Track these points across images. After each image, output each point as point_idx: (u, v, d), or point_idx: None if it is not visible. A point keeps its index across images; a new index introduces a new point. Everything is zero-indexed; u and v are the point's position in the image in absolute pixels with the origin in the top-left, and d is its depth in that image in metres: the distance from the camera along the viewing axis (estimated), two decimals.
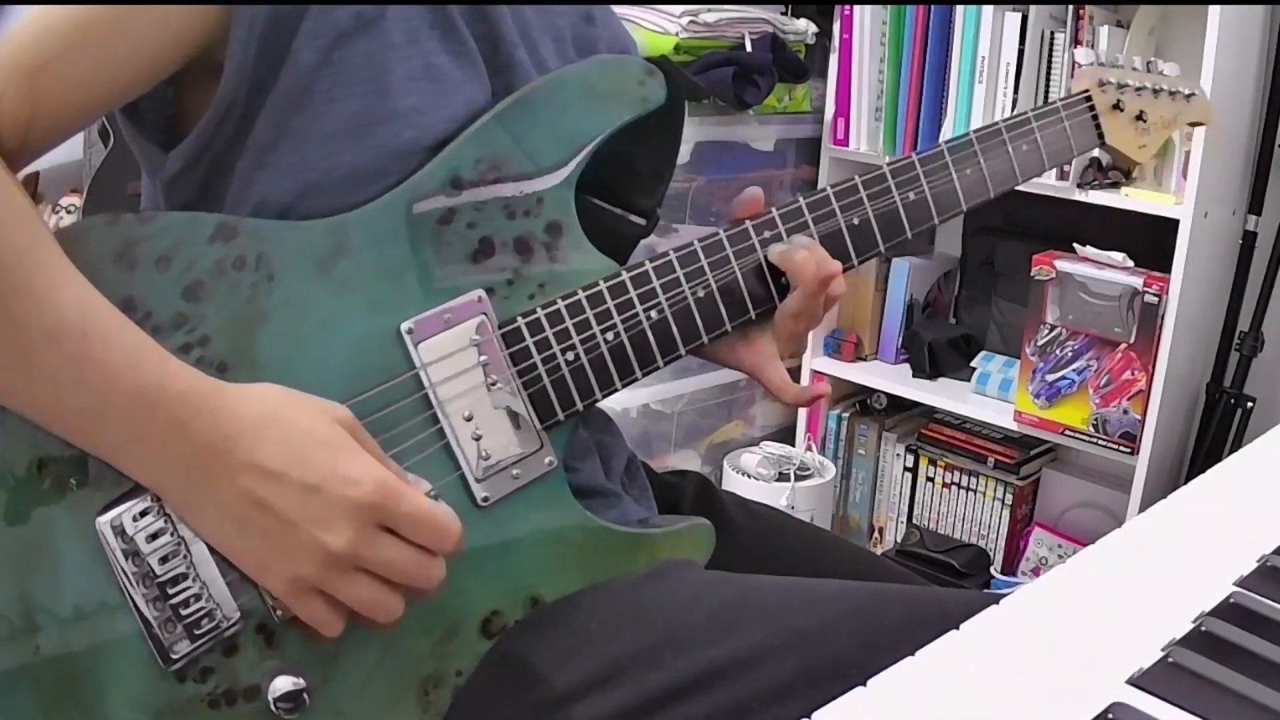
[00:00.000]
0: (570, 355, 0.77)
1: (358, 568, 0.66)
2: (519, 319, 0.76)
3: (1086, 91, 0.99)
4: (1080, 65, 1.02)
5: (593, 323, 0.78)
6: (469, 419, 0.75)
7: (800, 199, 0.85)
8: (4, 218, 0.63)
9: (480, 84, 0.78)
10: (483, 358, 0.75)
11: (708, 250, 0.82)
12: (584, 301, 0.78)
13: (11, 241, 0.63)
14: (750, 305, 0.83)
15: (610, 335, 0.79)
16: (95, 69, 0.69)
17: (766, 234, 0.84)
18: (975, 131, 0.91)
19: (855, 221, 0.86)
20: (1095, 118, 0.99)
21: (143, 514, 0.66)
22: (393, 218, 0.74)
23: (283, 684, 0.68)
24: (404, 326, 0.73)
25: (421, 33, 0.76)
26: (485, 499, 0.75)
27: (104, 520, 0.66)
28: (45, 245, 0.64)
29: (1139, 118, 1.03)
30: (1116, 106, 1.00)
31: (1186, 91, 1.07)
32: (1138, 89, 1.02)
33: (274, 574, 0.66)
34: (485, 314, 0.76)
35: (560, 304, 0.77)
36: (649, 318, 0.80)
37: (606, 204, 0.85)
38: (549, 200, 0.78)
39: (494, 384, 0.76)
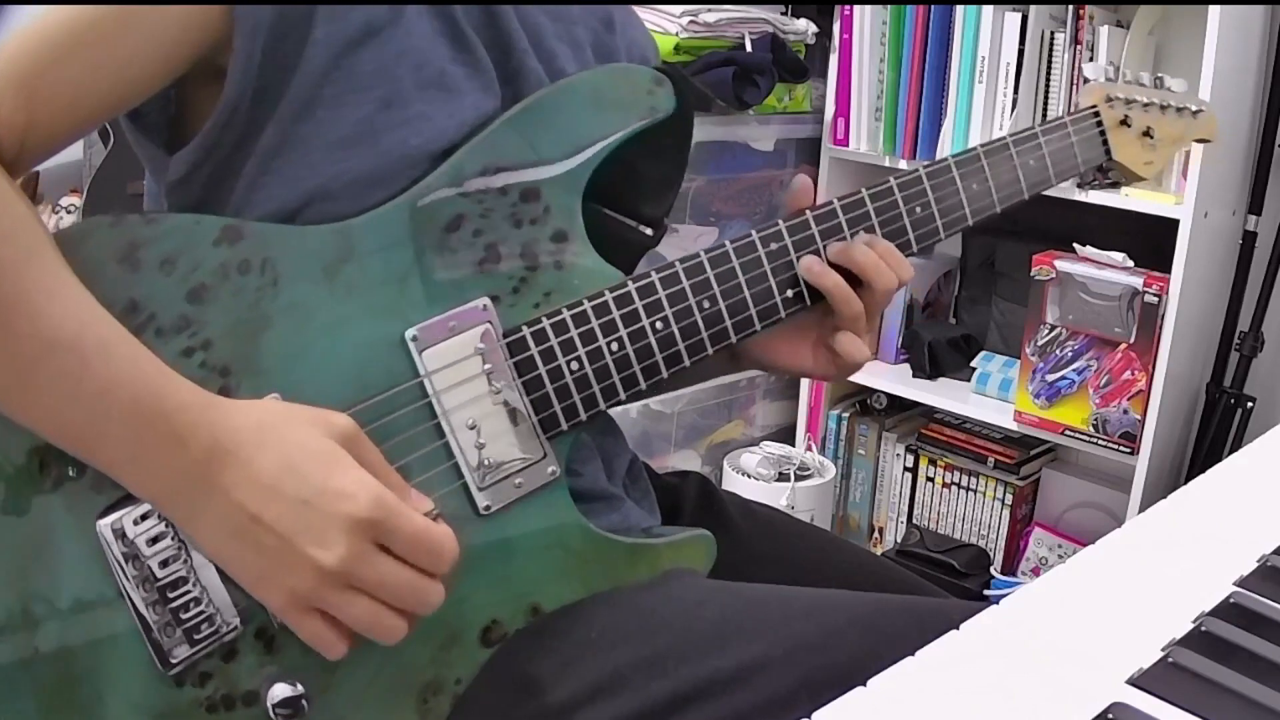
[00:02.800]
0: (575, 365, 0.77)
1: (353, 587, 0.65)
2: (524, 328, 0.76)
3: (1094, 107, 0.99)
4: (1088, 79, 1.02)
5: (598, 333, 0.78)
6: (472, 427, 0.74)
7: (808, 212, 0.84)
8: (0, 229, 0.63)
9: (490, 92, 0.78)
10: (487, 366, 0.75)
11: (714, 262, 0.81)
12: (589, 311, 0.77)
13: (7, 254, 0.62)
14: (757, 319, 0.83)
15: (615, 346, 0.78)
16: (92, 77, 0.69)
17: (773, 246, 0.83)
18: (983, 145, 0.91)
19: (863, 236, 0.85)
20: (1103, 133, 0.99)
21: (144, 517, 0.66)
22: (398, 224, 0.74)
23: (281, 690, 0.68)
24: (408, 334, 0.73)
25: (431, 41, 0.76)
26: (487, 507, 0.75)
27: (104, 523, 0.66)
28: (43, 256, 0.64)
29: (1146, 134, 1.02)
30: (1124, 122, 1.00)
31: (1194, 108, 1.07)
32: (1145, 105, 1.02)
33: (271, 590, 0.65)
34: (490, 322, 0.75)
35: (566, 313, 0.77)
36: (654, 329, 0.79)
37: (613, 212, 0.84)
38: (556, 208, 0.78)
39: (498, 392, 0.75)
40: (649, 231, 0.87)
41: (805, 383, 2.40)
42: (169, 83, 0.73)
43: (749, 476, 2.26)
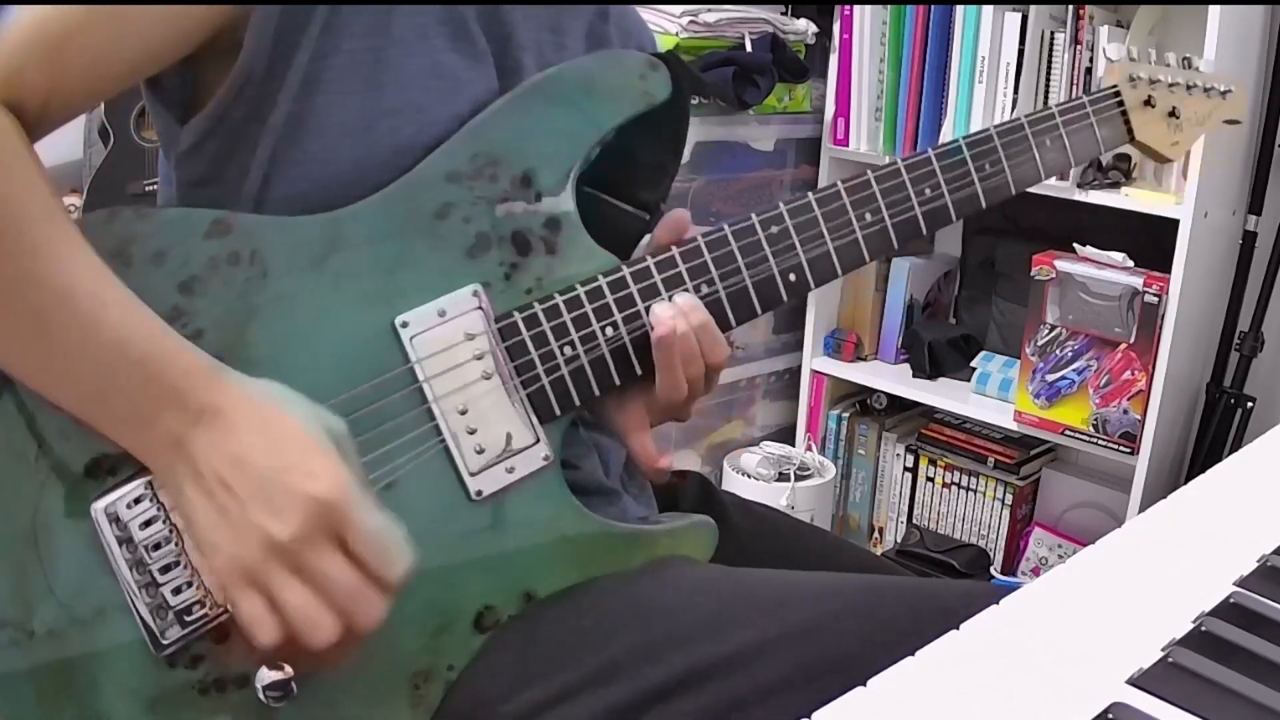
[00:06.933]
0: (569, 351, 0.77)
1: (296, 570, 0.64)
2: (515, 314, 0.76)
3: (1115, 87, 0.96)
4: (1111, 59, 0.98)
5: (592, 319, 0.77)
6: (463, 413, 0.75)
7: (810, 195, 0.82)
8: (24, 187, 0.65)
9: (489, 84, 0.78)
10: (478, 352, 0.75)
11: (711, 246, 0.80)
12: (583, 297, 0.77)
13: (32, 208, 0.65)
14: (758, 304, 0.81)
15: (609, 331, 0.78)
16: (115, 43, 0.70)
17: (774, 229, 0.81)
18: (996, 127, 0.88)
19: (868, 219, 0.83)
20: (1124, 114, 0.96)
21: (136, 501, 0.67)
22: (387, 212, 0.74)
23: (269, 673, 0.69)
24: (398, 320, 0.73)
25: (430, 30, 0.76)
26: (479, 493, 0.75)
27: (99, 506, 0.67)
28: (62, 216, 0.66)
29: (1171, 114, 0.99)
30: (1147, 103, 0.97)
31: (1222, 88, 1.03)
32: (1171, 85, 0.98)
33: (219, 554, 0.65)
34: (481, 308, 0.75)
35: (559, 299, 0.77)
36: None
37: (609, 197, 0.84)
38: (548, 195, 0.77)
39: (489, 379, 0.75)
40: (645, 216, 0.87)
41: (805, 383, 2.40)
42: (189, 52, 0.74)
43: (749, 476, 2.26)
